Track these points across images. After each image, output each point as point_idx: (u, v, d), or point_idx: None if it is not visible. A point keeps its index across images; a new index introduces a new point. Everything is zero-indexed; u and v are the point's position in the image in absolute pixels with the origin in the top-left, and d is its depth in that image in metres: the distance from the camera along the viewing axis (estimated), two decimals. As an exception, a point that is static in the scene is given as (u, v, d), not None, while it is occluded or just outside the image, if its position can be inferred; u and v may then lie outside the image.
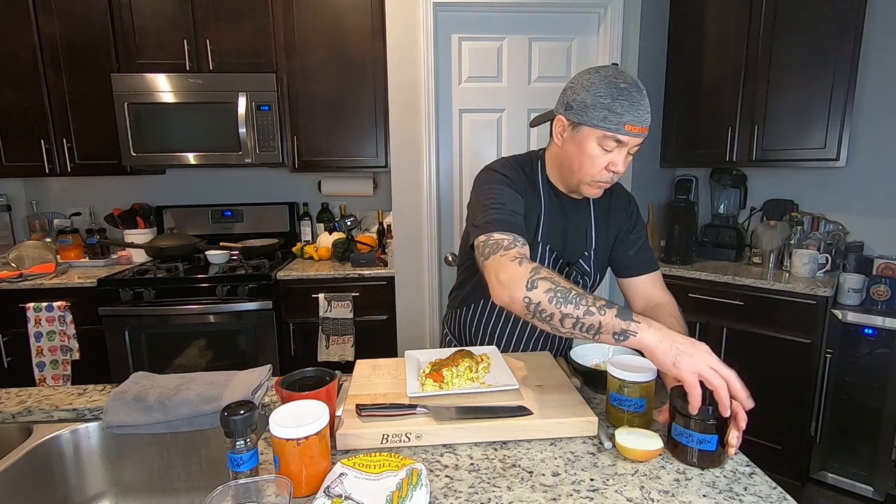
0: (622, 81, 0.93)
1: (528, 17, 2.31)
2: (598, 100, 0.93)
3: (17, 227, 2.82)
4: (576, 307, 0.80)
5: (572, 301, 0.81)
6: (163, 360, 2.32)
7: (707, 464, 0.78)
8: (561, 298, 0.81)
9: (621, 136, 0.94)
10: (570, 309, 0.80)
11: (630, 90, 0.92)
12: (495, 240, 0.95)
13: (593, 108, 0.94)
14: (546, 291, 0.82)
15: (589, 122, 0.95)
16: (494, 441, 0.86)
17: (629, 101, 0.92)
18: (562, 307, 0.81)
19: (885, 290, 2.08)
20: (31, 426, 0.99)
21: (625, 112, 0.92)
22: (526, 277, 0.85)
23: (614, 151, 0.97)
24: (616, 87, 0.93)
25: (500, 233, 0.95)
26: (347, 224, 2.52)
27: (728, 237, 2.61)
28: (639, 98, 0.93)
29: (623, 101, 0.92)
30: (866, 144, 2.34)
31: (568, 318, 0.81)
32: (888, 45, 2.25)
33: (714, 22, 2.42)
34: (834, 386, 2.10)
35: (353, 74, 2.48)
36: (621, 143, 0.96)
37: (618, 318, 0.79)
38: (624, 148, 0.97)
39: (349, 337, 2.40)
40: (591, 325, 0.80)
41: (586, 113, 0.95)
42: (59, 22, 2.37)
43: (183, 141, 2.42)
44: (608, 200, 1.16)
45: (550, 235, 1.12)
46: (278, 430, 0.69)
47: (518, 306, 0.86)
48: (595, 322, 0.79)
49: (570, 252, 1.14)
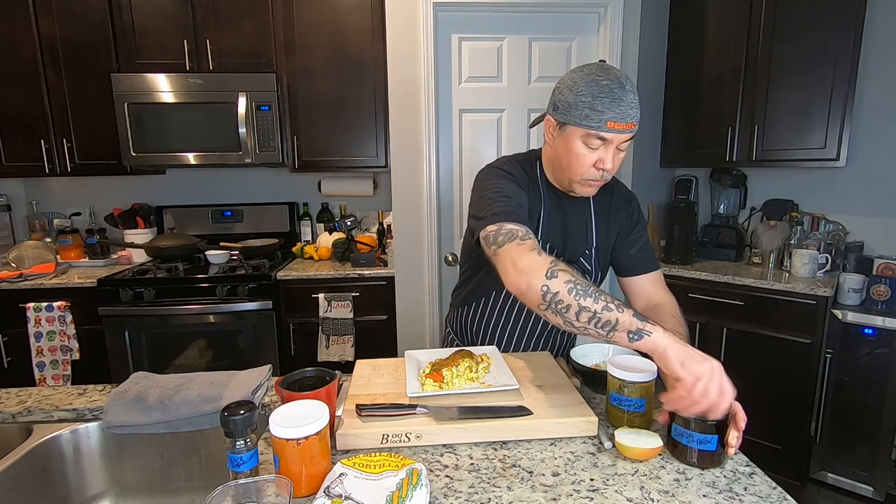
0: (604, 78, 0.93)
1: (528, 17, 2.31)
2: (580, 98, 0.94)
3: (17, 227, 2.82)
4: (595, 301, 0.80)
5: (591, 295, 0.80)
6: (163, 360, 2.32)
7: (707, 464, 0.78)
8: (581, 291, 0.81)
9: (604, 134, 0.94)
10: (589, 302, 0.80)
11: (611, 87, 0.92)
12: (508, 229, 0.93)
13: (575, 107, 0.94)
14: (566, 282, 0.82)
15: (573, 121, 0.96)
16: (494, 441, 0.86)
17: (610, 98, 0.92)
18: (581, 300, 0.80)
19: (885, 290, 2.08)
20: (31, 426, 0.99)
21: (606, 109, 0.92)
22: (546, 266, 0.84)
23: (600, 149, 0.97)
24: (597, 84, 0.93)
25: (512, 223, 0.94)
26: (347, 224, 2.52)
27: (728, 237, 2.61)
28: (620, 94, 0.92)
29: (604, 98, 0.92)
30: (866, 144, 2.34)
31: (585, 311, 0.80)
32: (888, 45, 2.25)
33: (714, 22, 2.42)
34: (834, 386, 2.10)
35: (353, 74, 2.48)
36: (605, 140, 0.95)
37: (634, 317, 0.79)
38: (610, 145, 0.96)
39: (349, 337, 2.40)
40: (607, 321, 0.79)
41: (570, 112, 0.96)
42: (59, 22, 2.37)
43: (183, 141, 2.42)
44: (609, 199, 1.16)
45: (551, 234, 1.12)
46: (278, 430, 0.69)
47: (534, 295, 0.84)
48: (612, 318, 0.79)
49: (570, 250, 1.14)
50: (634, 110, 0.93)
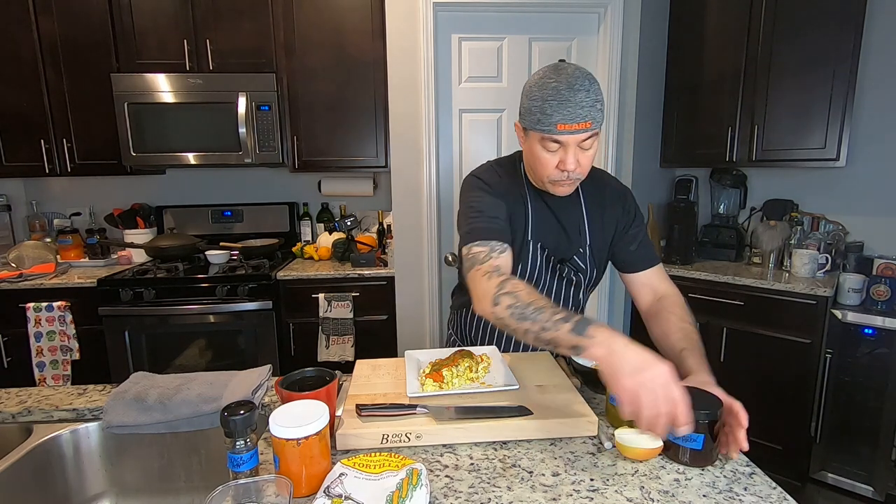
0: (554, 80, 0.92)
1: (528, 17, 2.31)
2: (533, 103, 0.94)
3: (17, 227, 2.82)
4: (533, 322, 0.84)
5: (529, 317, 0.84)
6: (163, 360, 2.32)
7: (698, 462, 0.78)
8: (519, 315, 0.85)
9: (556, 137, 0.94)
10: (528, 325, 0.84)
11: (559, 89, 0.91)
12: (473, 253, 1.00)
13: (529, 112, 0.95)
14: (507, 307, 0.87)
15: (529, 126, 0.97)
16: (494, 441, 0.86)
17: (558, 100, 0.91)
18: (521, 323, 0.85)
19: (885, 290, 2.08)
20: (31, 426, 0.99)
21: (554, 112, 0.91)
22: (492, 294, 0.90)
23: (559, 151, 0.97)
24: (546, 87, 0.92)
25: (477, 244, 1.00)
26: (347, 224, 2.52)
27: (728, 237, 2.61)
28: (568, 95, 0.90)
29: (552, 101, 0.91)
30: (866, 144, 2.34)
31: (528, 332, 0.85)
32: (888, 46, 2.25)
33: (714, 22, 2.42)
34: (834, 386, 2.10)
35: (353, 74, 2.48)
36: (560, 143, 0.95)
37: (572, 332, 0.79)
38: (568, 147, 0.95)
39: (349, 337, 2.40)
40: (547, 339, 0.83)
41: (525, 117, 0.97)
42: (59, 22, 2.37)
43: (183, 141, 2.42)
44: (601, 195, 1.15)
45: (541, 234, 1.12)
46: (278, 430, 0.69)
47: (491, 320, 0.92)
48: (550, 337, 0.82)
49: (563, 249, 1.14)
50: (586, 109, 0.91)
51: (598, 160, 2.38)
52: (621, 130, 2.40)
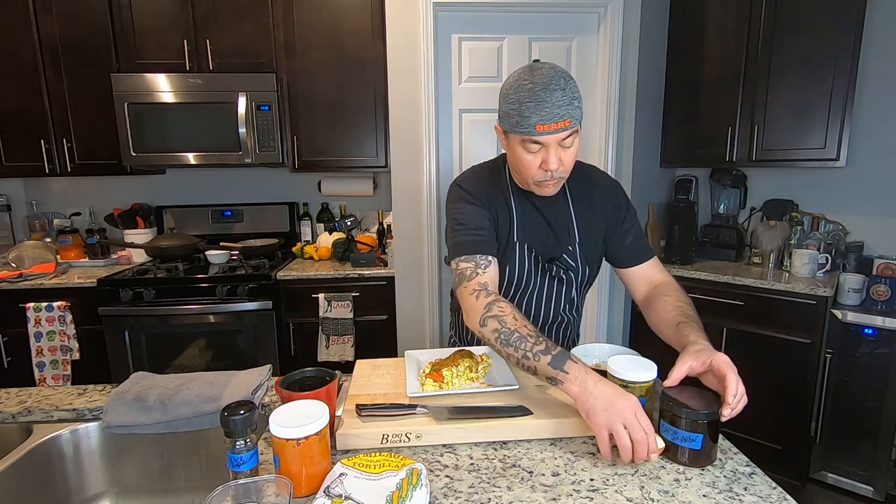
0: (529, 82, 0.92)
1: (528, 17, 2.31)
2: (510, 106, 0.94)
3: (17, 227, 2.82)
4: (515, 350, 0.88)
5: (513, 344, 0.88)
6: (163, 360, 2.32)
7: (697, 462, 0.79)
8: (503, 340, 0.90)
9: (536, 138, 0.94)
10: (511, 351, 0.89)
11: (535, 90, 0.91)
12: (460, 269, 1.03)
13: (508, 115, 0.96)
14: (493, 331, 0.92)
15: (508, 129, 0.97)
16: (494, 441, 0.86)
17: (534, 101, 0.91)
18: (505, 347, 0.90)
19: (885, 290, 2.08)
20: (31, 426, 0.99)
21: (532, 114, 0.91)
22: (479, 315, 0.95)
23: (540, 152, 0.97)
24: (522, 89, 0.93)
25: (463, 259, 1.04)
26: (347, 224, 2.52)
27: (728, 237, 2.61)
28: (544, 96, 0.90)
29: (529, 103, 0.91)
30: (866, 144, 2.34)
31: (511, 357, 0.89)
32: (888, 45, 2.25)
33: (714, 22, 2.42)
34: (834, 386, 2.10)
35: (353, 74, 2.48)
36: (541, 143, 0.95)
37: (550, 365, 0.83)
38: (549, 147, 0.95)
39: (349, 337, 2.40)
40: (527, 367, 0.87)
41: (504, 120, 0.98)
42: (59, 22, 2.37)
43: (183, 141, 2.42)
44: (589, 192, 1.14)
45: (527, 235, 1.11)
46: (278, 430, 0.69)
47: (479, 337, 0.96)
48: (531, 366, 0.86)
49: (551, 248, 1.13)
50: (564, 108, 0.91)
51: (598, 160, 2.38)
52: (621, 130, 2.39)
